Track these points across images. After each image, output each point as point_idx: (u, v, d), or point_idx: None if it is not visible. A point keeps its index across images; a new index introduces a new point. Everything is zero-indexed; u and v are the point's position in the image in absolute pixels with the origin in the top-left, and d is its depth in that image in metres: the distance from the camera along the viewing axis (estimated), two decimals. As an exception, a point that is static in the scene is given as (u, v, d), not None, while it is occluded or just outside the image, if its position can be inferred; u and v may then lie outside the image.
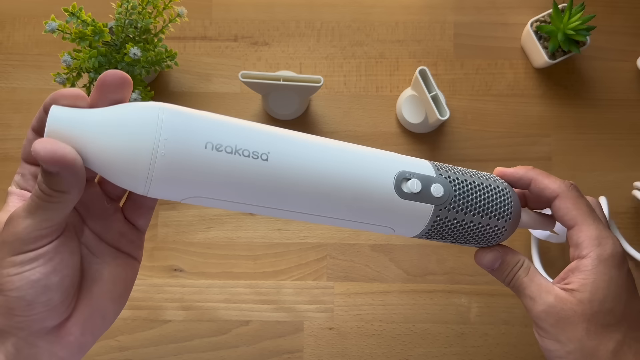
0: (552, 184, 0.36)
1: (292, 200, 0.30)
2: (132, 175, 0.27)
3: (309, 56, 0.64)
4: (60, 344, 0.29)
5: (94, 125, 0.26)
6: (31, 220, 0.27)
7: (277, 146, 0.29)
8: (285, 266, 0.61)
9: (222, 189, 0.28)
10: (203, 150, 0.27)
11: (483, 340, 0.60)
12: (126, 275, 0.32)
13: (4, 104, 0.63)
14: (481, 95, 0.64)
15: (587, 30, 0.59)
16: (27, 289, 0.27)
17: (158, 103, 0.28)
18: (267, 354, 0.59)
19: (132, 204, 0.33)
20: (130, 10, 0.53)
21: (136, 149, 0.26)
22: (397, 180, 0.32)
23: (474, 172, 0.36)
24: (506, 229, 0.36)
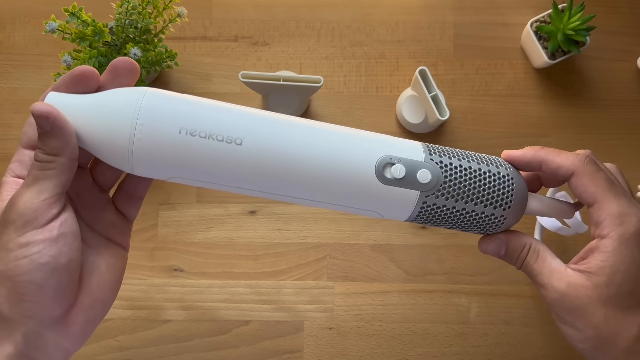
0: (565, 161, 0.33)
1: (269, 183, 0.30)
2: (117, 155, 0.29)
3: (309, 56, 0.64)
4: (65, 334, 0.29)
5: (85, 108, 0.29)
6: (30, 193, 0.28)
7: (252, 130, 0.30)
8: (285, 266, 0.61)
9: (199, 172, 0.30)
10: (177, 135, 0.29)
11: (483, 340, 0.60)
12: (119, 265, 0.32)
13: (4, 104, 0.63)
14: (481, 95, 0.64)
15: (586, 31, 0.59)
16: (36, 272, 0.27)
17: (143, 88, 0.30)
18: (267, 354, 0.59)
19: (123, 193, 0.34)
20: (130, 11, 0.53)
21: (116, 132, 0.28)
22: (380, 165, 0.31)
23: (474, 156, 0.33)
24: (506, 218, 0.33)
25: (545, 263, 0.33)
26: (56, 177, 0.28)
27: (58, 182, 0.28)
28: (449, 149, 0.33)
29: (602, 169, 0.33)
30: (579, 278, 0.31)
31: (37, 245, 0.27)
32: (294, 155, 0.30)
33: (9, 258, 0.27)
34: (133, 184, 0.34)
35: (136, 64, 0.31)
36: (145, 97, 0.29)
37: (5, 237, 0.27)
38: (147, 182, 0.34)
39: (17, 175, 0.31)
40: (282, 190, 0.31)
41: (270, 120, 0.31)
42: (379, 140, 0.32)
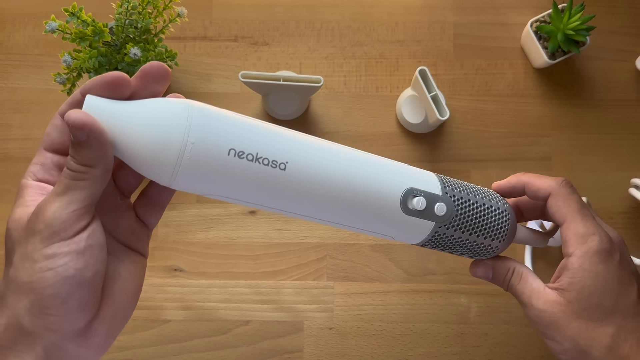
0: (544, 184, 0.37)
1: (305, 206, 0.32)
2: (158, 170, 0.28)
3: (309, 56, 0.64)
4: (86, 346, 0.28)
5: (125, 117, 0.28)
6: (59, 202, 0.27)
7: (295, 156, 0.31)
8: (285, 266, 0.61)
9: (240, 192, 0.30)
10: (226, 157, 0.29)
11: (483, 340, 0.60)
12: (139, 273, 0.32)
13: (4, 104, 0.63)
14: (481, 95, 0.64)
15: (586, 31, 0.59)
16: (62, 286, 0.26)
17: (186, 101, 0.29)
18: (267, 354, 0.59)
19: (146, 201, 0.33)
20: (130, 11, 0.53)
21: (164, 147, 0.27)
22: (404, 196, 0.34)
23: (477, 190, 0.37)
24: (499, 248, 0.38)
25: (527, 284, 0.37)
26: (88, 189, 0.27)
27: (89, 194, 0.27)
28: (458, 182, 0.37)
29: (576, 193, 0.36)
30: (554, 296, 0.35)
31: (64, 258, 0.26)
32: (330, 183, 0.32)
33: (33, 269, 0.26)
34: (157, 191, 0.33)
35: (169, 70, 0.29)
36: (194, 114, 0.28)
37: (30, 247, 0.26)
38: (172, 191, 0.33)
39: (38, 179, 0.29)
40: (316, 214, 0.33)
41: (312, 146, 0.32)
42: (402, 171, 0.35)
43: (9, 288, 0.27)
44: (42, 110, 0.63)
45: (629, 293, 0.34)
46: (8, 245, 0.28)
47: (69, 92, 0.55)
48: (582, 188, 0.62)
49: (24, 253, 0.27)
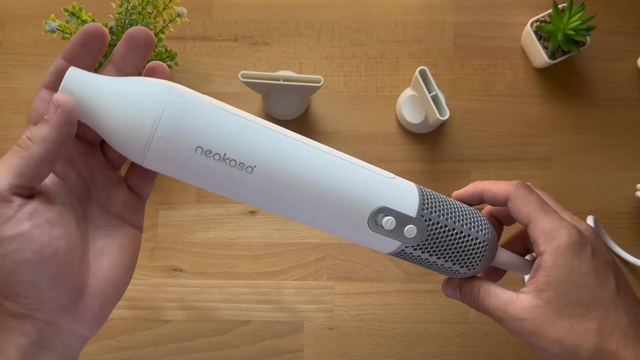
0: (499, 189, 0.36)
1: (271, 206, 0.32)
2: (129, 149, 0.28)
3: (309, 56, 0.64)
4: (79, 321, 0.28)
5: (105, 92, 0.28)
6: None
7: (265, 161, 0.30)
8: (285, 266, 0.61)
9: (205, 185, 0.31)
10: (192, 154, 0.29)
11: (483, 340, 0.60)
12: (132, 246, 0.31)
13: (4, 104, 0.63)
14: (481, 95, 0.64)
15: (587, 30, 0.59)
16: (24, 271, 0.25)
17: (165, 85, 0.29)
18: (267, 354, 0.59)
19: (137, 171, 0.33)
20: (130, 11, 0.53)
21: (133, 134, 0.28)
22: (375, 213, 0.33)
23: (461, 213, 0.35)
24: (467, 275, 0.37)
25: (497, 297, 0.35)
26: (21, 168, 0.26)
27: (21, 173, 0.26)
28: (443, 202, 0.35)
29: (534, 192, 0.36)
30: (531, 300, 0.33)
31: (12, 243, 0.25)
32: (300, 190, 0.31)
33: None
34: None
35: (151, 34, 0.30)
36: (169, 103, 0.28)
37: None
38: None
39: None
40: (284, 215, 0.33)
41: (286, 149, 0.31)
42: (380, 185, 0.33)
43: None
44: (42, 110, 0.63)
45: (606, 284, 0.33)
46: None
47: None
48: (582, 188, 0.62)
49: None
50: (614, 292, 0.33)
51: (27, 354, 0.27)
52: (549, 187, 0.62)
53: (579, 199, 0.62)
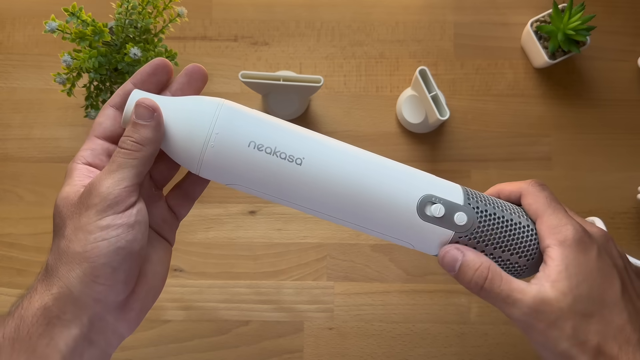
0: (514, 187, 0.37)
1: (319, 203, 0.33)
2: (189, 156, 0.32)
3: (309, 56, 0.64)
4: (123, 320, 0.31)
5: (167, 109, 0.32)
6: (112, 179, 0.29)
7: (313, 153, 0.33)
8: (285, 266, 0.61)
9: (257, 182, 0.33)
10: (246, 148, 0.32)
11: (483, 340, 0.60)
12: (167, 257, 0.34)
13: (4, 104, 0.63)
14: (481, 95, 0.64)
15: (587, 30, 0.59)
16: (114, 256, 0.28)
17: (220, 100, 0.33)
18: (267, 354, 0.59)
19: (179, 192, 0.36)
20: (130, 10, 0.53)
21: (193, 136, 0.32)
22: (422, 202, 0.33)
23: (505, 205, 0.35)
24: (527, 268, 0.35)
25: (512, 284, 0.33)
26: (137, 167, 0.30)
27: (138, 172, 0.30)
28: (485, 196, 0.36)
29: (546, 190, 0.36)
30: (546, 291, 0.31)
31: (117, 230, 0.29)
32: (346, 182, 0.33)
33: (87, 240, 0.28)
34: (191, 184, 0.36)
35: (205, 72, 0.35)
36: (223, 109, 0.32)
37: (85, 219, 0.29)
38: (204, 185, 0.36)
39: (87, 162, 0.32)
40: (329, 211, 0.34)
41: (329, 146, 0.33)
42: (424, 178, 0.35)
43: (61, 259, 0.29)
44: (41, 110, 0.63)
45: (611, 286, 0.32)
46: (57, 221, 0.30)
47: (68, 92, 0.55)
48: (582, 188, 0.62)
49: (77, 226, 0.29)
50: (618, 295, 0.32)
51: (76, 346, 0.29)
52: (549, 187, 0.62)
53: (579, 199, 0.62)
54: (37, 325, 0.29)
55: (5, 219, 0.61)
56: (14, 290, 0.59)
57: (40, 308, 0.29)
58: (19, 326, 0.29)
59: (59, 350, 0.28)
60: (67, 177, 0.32)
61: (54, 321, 0.29)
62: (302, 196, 0.33)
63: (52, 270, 0.29)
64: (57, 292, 0.29)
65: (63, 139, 0.62)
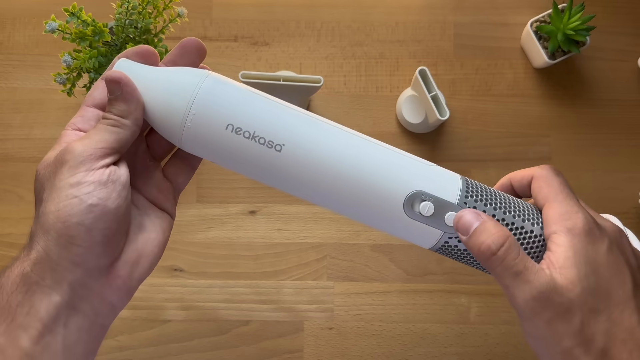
0: (527, 170, 0.35)
1: (300, 189, 0.32)
2: (168, 133, 0.31)
3: (309, 56, 0.64)
4: (110, 287, 0.30)
5: (150, 80, 0.31)
6: (89, 140, 0.29)
7: (293, 140, 0.31)
8: (285, 266, 0.61)
9: (236, 165, 0.32)
10: (223, 131, 0.30)
11: (483, 340, 0.60)
12: (164, 225, 0.33)
13: (4, 104, 0.63)
14: (481, 95, 0.64)
15: (587, 30, 0.59)
16: (86, 214, 0.28)
17: (205, 72, 0.32)
18: (267, 354, 0.59)
19: (177, 160, 0.35)
20: (130, 11, 0.53)
21: (171, 114, 0.31)
22: (410, 198, 0.31)
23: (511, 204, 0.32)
24: None
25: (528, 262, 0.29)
26: (118, 134, 0.30)
27: (118, 139, 0.30)
28: (488, 191, 0.32)
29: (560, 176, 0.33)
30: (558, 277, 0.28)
31: (88, 187, 0.28)
32: (330, 171, 0.31)
33: (60, 198, 0.28)
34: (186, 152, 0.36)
35: (203, 45, 0.33)
36: (206, 82, 0.31)
37: (57, 177, 0.28)
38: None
39: (78, 128, 0.32)
40: (311, 197, 0.32)
41: (315, 129, 0.31)
42: (418, 169, 0.32)
43: (38, 224, 0.28)
44: (41, 110, 0.63)
45: (622, 283, 0.29)
46: (37, 187, 0.30)
47: (69, 92, 0.55)
48: (582, 188, 0.62)
49: (52, 184, 0.28)
50: (630, 294, 0.29)
51: (59, 313, 0.28)
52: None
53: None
54: (17, 293, 0.28)
55: (5, 219, 0.61)
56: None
57: (19, 274, 0.28)
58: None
59: (39, 318, 0.27)
60: (55, 144, 0.31)
61: (33, 288, 0.28)
62: (280, 181, 0.32)
63: (32, 236, 0.29)
64: (35, 257, 0.28)
65: (63, 139, 0.62)
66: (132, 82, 0.30)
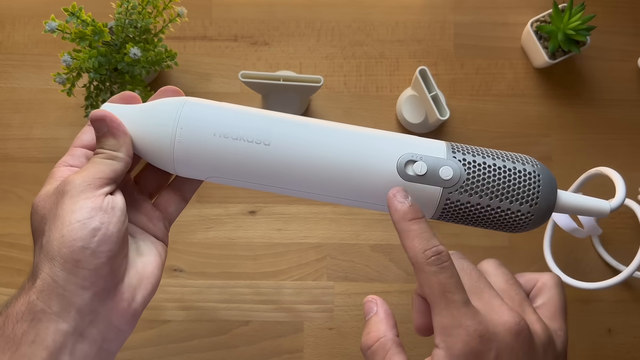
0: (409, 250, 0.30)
1: (296, 181, 0.33)
2: (161, 157, 0.33)
3: (309, 56, 0.64)
4: (116, 311, 0.30)
5: (135, 115, 0.33)
6: (86, 172, 0.31)
7: (280, 132, 0.32)
8: (285, 266, 0.61)
9: (232, 170, 0.33)
10: (212, 137, 0.32)
11: (483, 340, 0.60)
12: (159, 251, 0.35)
13: (4, 104, 0.63)
14: (481, 95, 0.64)
15: (587, 30, 0.59)
16: (90, 237, 0.28)
17: (184, 98, 0.34)
18: (267, 354, 0.59)
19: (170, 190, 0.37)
20: (130, 10, 0.53)
21: (161, 136, 0.32)
22: (401, 162, 0.32)
23: (500, 154, 0.33)
24: (533, 215, 0.32)
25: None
26: (112, 165, 0.31)
27: (114, 169, 0.31)
28: (475, 148, 0.34)
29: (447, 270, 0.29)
30: None
31: (89, 212, 0.29)
32: (318, 155, 0.32)
33: (63, 224, 0.29)
34: (180, 182, 0.37)
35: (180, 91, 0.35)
36: (185, 106, 0.33)
37: (59, 206, 0.29)
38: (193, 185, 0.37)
39: (69, 164, 0.33)
40: (308, 188, 0.33)
41: (295, 123, 0.33)
42: (401, 139, 0.34)
43: (42, 254, 0.29)
44: (41, 110, 0.63)
45: None
46: (36, 220, 0.31)
47: (68, 92, 0.55)
48: (582, 188, 0.62)
49: (54, 214, 0.29)
50: None
51: (65, 341, 0.28)
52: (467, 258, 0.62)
53: (579, 199, 0.62)
54: (22, 322, 0.28)
55: (5, 219, 0.61)
56: (14, 291, 0.59)
57: (25, 303, 0.28)
58: (3, 324, 0.28)
59: (45, 346, 0.27)
60: (48, 179, 0.32)
61: (39, 316, 0.28)
62: (276, 177, 0.33)
63: (36, 267, 0.29)
64: (40, 285, 0.28)
65: (63, 139, 0.62)
66: (117, 117, 0.32)
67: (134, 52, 0.52)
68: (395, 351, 0.31)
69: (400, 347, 0.32)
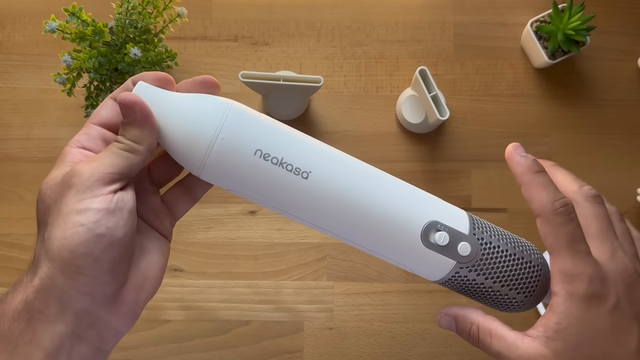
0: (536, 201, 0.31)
1: (321, 218, 0.32)
2: (189, 159, 0.30)
3: (309, 56, 0.64)
4: (116, 315, 0.29)
5: (171, 106, 0.30)
6: (98, 163, 0.28)
7: (319, 167, 0.31)
8: (285, 266, 0.61)
9: (260, 192, 0.31)
10: (252, 156, 0.30)
11: (483, 340, 0.60)
12: (163, 249, 0.33)
13: (4, 104, 0.63)
14: (481, 95, 0.64)
15: (587, 30, 0.59)
16: (94, 244, 0.27)
17: (229, 101, 0.31)
18: (267, 354, 0.59)
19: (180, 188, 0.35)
20: (130, 11, 0.53)
21: (196, 139, 0.30)
22: (426, 228, 0.32)
23: (510, 238, 0.34)
24: (524, 304, 0.35)
25: (501, 341, 0.32)
26: (129, 160, 0.29)
27: (129, 164, 0.29)
28: (491, 226, 0.35)
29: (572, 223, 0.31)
30: (538, 347, 0.30)
31: (95, 214, 0.27)
32: (352, 200, 0.32)
33: (66, 225, 0.27)
34: (192, 183, 0.35)
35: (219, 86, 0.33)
36: (231, 112, 0.30)
37: (64, 201, 0.27)
38: (205, 187, 0.35)
39: (82, 146, 0.30)
40: (331, 228, 0.32)
41: (338, 160, 0.32)
42: (429, 202, 0.34)
43: (43, 248, 0.27)
44: (42, 110, 0.63)
45: (625, 342, 0.29)
46: (41, 208, 0.29)
47: (69, 93, 0.55)
48: (582, 188, 0.62)
49: (58, 209, 0.27)
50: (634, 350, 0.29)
51: (62, 342, 0.27)
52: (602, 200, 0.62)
53: (579, 199, 0.62)
54: (19, 321, 0.27)
55: (5, 219, 0.61)
56: (14, 290, 0.59)
57: (22, 302, 0.27)
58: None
59: (42, 347, 0.27)
60: (58, 160, 0.30)
61: (36, 316, 0.27)
62: (304, 210, 0.32)
63: (36, 260, 0.28)
64: (39, 284, 0.27)
65: (63, 139, 0.62)
66: (148, 107, 0.29)
67: (135, 52, 0.52)
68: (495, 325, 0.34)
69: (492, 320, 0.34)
